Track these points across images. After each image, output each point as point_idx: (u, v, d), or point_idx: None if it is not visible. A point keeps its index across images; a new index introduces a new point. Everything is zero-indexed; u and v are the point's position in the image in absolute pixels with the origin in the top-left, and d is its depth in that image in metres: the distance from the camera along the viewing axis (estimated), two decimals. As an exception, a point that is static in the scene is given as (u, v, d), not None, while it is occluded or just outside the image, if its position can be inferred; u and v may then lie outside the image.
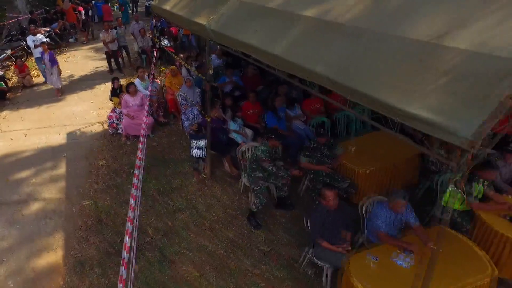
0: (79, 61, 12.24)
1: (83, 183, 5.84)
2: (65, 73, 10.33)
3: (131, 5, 18.22)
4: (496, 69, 1.81)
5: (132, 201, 3.77)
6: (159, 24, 11.61)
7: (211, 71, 6.18)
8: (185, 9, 5.40)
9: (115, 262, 4.26)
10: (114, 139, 7.11)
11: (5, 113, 8.58)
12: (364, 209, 3.99)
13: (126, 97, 6.96)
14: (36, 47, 9.64)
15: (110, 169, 6.16)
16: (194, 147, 5.68)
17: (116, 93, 7.56)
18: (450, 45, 2.19)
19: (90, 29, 14.80)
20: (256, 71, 7.70)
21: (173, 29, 11.65)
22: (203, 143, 5.61)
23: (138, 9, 18.50)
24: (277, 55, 3.20)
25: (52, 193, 5.68)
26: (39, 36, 10.10)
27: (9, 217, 5.20)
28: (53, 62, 8.96)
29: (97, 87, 9.86)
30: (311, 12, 3.39)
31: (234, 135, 5.96)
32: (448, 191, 2.07)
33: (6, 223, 5.08)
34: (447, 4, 2.45)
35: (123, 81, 8.14)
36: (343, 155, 4.90)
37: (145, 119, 5.66)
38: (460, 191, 3.88)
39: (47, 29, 13.32)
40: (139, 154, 4.69)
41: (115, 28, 10.58)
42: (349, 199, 4.80)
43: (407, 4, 2.68)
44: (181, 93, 6.97)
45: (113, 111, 7.31)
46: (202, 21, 4.59)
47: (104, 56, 10.78)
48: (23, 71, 9.97)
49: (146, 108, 6.28)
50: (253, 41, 3.60)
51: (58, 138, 7.31)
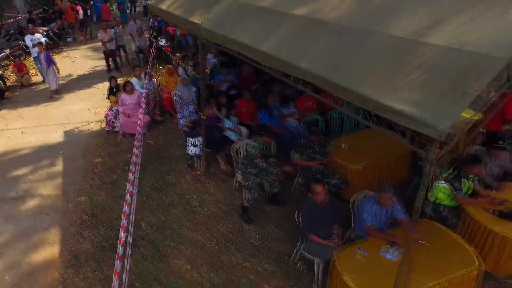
0: (77, 60, 12.32)
1: (79, 179, 5.92)
2: (63, 72, 10.44)
3: (129, 4, 18.28)
4: (465, 64, 1.90)
5: (127, 197, 3.84)
6: (156, 23, 11.69)
7: (207, 70, 6.25)
8: (181, 8, 5.49)
9: (109, 256, 4.36)
10: (110, 137, 7.19)
11: (3, 111, 8.67)
12: (355, 204, 4.06)
13: (122, 95, 7.06)
14: (34, 46, 9.70)
15: (106, 166, 6.25)
16: (189, 144, 5.77)
17: (113, 92, 7.65)
18: (427, 42, 2.29)
19: (88, 29, 14.84)
20: (251, 70, 7.77)
21: (170, 29, 11.72)
22: (198, 141, 5.70)
23: (136, 8, 18.57)
24: (265, 52, 3.29)
25: (48, 189, 5.77)
26: (37, 35, 10.19)
27: (6, 213, 5.28)
28: (49, 62, 8.97)
29: (95, 86, 9.95)
30: (300, 11, 3.50)
31: (228, 133, 6.05)
32: (435, 186, 2.15)
33: (2, 219, 5.17)
34: (425, 2, 2.54)
35: (120, 80, 8.21)
36: (334, 152, 4.98)
37: (141, 117, 5.74)
38: (448, 185, 3.94)
39: (46, 28, 13.38)
40: (135, 150, 4.78)
41: (113, 27, 10.67)
42: (341, 195, 4.88)
43: (389, 3, 2.78)
44: (177, 92, 7.06)
45: (110, 109, 7.40)
46: (196, 20, 4.68)
47: (102, 55, 10.87)
48: (21, 70, 10.05)
49: (142, 106, 6.35)
50: (243, 39, 3.70)
51: (55, 136, 7.39)
